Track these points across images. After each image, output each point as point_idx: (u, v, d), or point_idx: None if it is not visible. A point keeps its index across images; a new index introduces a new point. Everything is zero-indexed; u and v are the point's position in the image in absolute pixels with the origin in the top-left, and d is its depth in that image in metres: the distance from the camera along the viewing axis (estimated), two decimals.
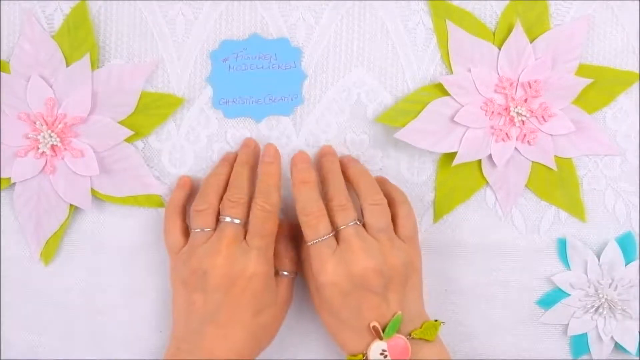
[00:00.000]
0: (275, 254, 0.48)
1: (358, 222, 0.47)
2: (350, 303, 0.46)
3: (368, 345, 0.45)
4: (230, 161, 0.50)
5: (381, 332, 0.45)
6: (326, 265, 0.46)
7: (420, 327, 0.46)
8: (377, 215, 0.47)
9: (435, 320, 0.47)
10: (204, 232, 0.47)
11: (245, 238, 0.47)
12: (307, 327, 0.53)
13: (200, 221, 0.47)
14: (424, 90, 0.51)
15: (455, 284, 0.53)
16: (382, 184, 0.50)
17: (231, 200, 0.47)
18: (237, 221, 0.47)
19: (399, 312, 0.45)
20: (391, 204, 0.49)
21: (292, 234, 0.51)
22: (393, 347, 0.45)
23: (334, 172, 0.49)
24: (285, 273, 0.50)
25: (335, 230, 0.47)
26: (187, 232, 0.49)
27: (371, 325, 0.45)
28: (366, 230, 0.47)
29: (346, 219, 0.46)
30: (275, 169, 0.49)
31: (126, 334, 0.53)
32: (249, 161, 0.50)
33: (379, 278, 0.45)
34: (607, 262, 0.53)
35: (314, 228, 0.46)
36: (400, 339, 0.45)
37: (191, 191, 0.51)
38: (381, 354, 0.45)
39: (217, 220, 0.47)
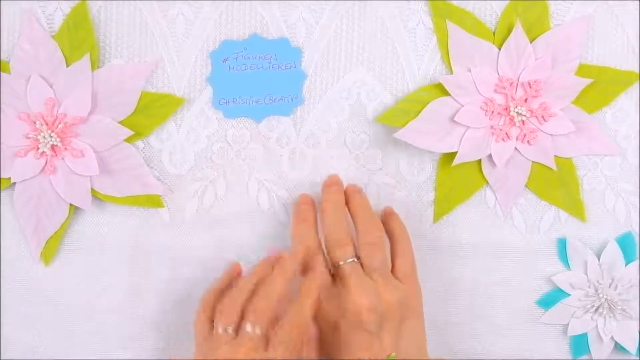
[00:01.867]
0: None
1: (356, 260, 0.46)
2: (342, 340, 0.45)
3: None
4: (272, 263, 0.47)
5: None
6: (318, 300, 0.45)
7: None
8: (372, 254, 0.47)
9: None
10: (227, 333, 0.43)
11: (267, 347, 0.43)
12: None
13: (224, 319, 0.44)
14: (424, 90, 0.51)
15: (455, 284, 0.53)
16: (385, 217, 0.50)
17: (256, 308, 0.43)
18: (258, 332, 0.43)
19: (393, 354, 0.44)
20: (390, 239, 0.49)
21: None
22: None
23: (333, 204, 0.49)
24: None
25: (332, 267, 0.46)
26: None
27: None
28: (362, 268, 0.46)
29: (343, 255, 0.46)
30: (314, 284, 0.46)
31: (126, 334, 0.53)
32: (286, 272, 0.46)
33: (373, 317, 0.44)
34: (607, 262, 0.53)
35: (307, 263, 0.46)
36: None
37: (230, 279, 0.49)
38: None
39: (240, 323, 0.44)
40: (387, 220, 0.50)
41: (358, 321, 0.44)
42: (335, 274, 0.47)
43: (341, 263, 0.46)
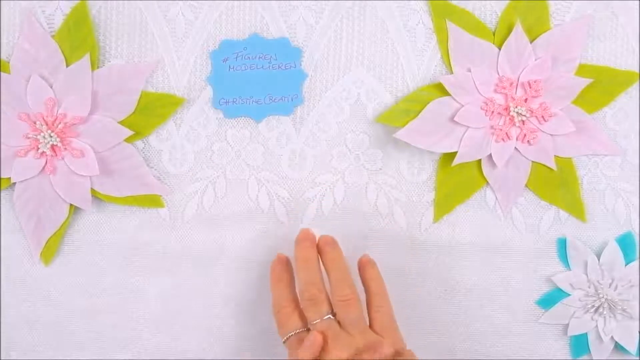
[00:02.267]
0: None
1: (332, 316, 0.46)
2: None
3: None
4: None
5: None
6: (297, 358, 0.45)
7: None
8: (345, 308, 0.46)
9: None
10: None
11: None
12: None
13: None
14: (424, 90, 0.51)
15: (455, 284, 0.53)
16: (362, 268, 0.49)
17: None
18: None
19: None
20: (366, 292, 0.48)
21: None
22: None
23: (305, 261, 0.48)
24: None
25: (309, 324, 0.46)
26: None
27: None
28: (339, 323, 0.46)
29: (318, 313, 0.46)
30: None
31: (126, 334, 0.53)
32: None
33: None
34: (607, 262, 0.53)
35: (284, 324, 0.46)
36: None
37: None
38: None
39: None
40: (363, 271, 0.49)
41: None
42: (311, 332, 0.46)
43: (316, 321, 0.46)
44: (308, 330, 0.46)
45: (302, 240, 0.49)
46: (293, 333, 0.46)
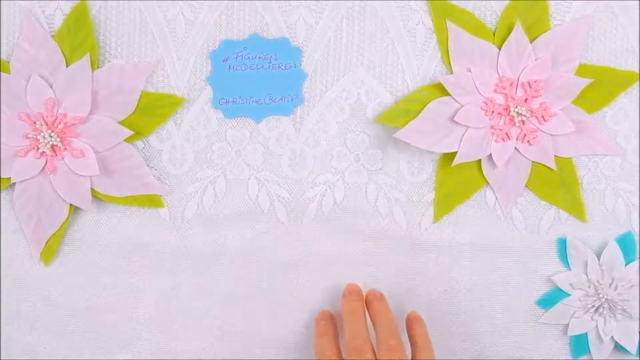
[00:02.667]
0: None
1: None
2: None
3: None
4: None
5: None
6: None
7: None
8: (391, 357, 0.46)
9: None
10: None
11: None
12: None
13: None
14: (424, 90, 0.51)
15: (455, 284, 0.53)
16: (410, 322, 0.50)
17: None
18: None
19: None
20: (412, 345, 0.49)
21: None
22: None
23: (352, 314, 0.49)
24: None
25: None
26: None
27: None
28: None
29: None
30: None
31: (126, 334, 0.53)
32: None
33: None
34: (607, 262, 0.53)
35: None
36: None
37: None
38: None
39: None
40: (411, 325, 0.50)
41: None
42: None
43: None
44: None
45: (348, 294, 0.51)
46: None
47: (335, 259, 0.53)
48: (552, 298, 0.53)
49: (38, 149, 0.50)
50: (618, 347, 0.53)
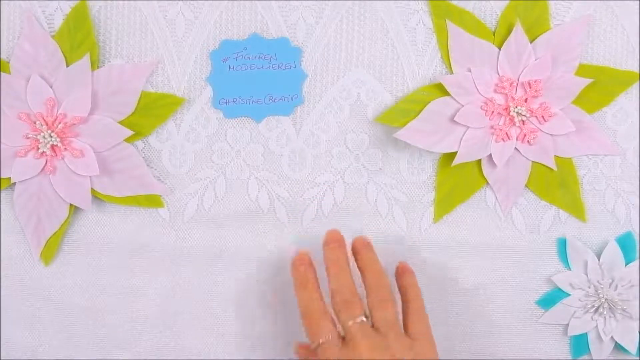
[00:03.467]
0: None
1: (365, 318, 0.45)
2: None
3: None
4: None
5: None
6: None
7: None
8: (383, 310, 0.45)
9: None
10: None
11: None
12: None
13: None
14: (424, 90, 0.51)
15: (455, 284, 0.53)
16: (400, 273, 0.49)
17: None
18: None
19: None
20: (403, 297, 0.48)
21: None
22: None
23: (337, 263, 0.47)
24: None
25: (342, 327, 0.45)
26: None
27: None
28: (373, 325, 0.45)
29: (351, 315, 0.45)
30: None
31: (126, 334, 0.53)
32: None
33: None
34: (607, 262, 0.53)
35: (315, 330, 0.45)
36: None
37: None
38: None
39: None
40: (401, 278, 0.49)
41: None
42: (345, 335, 0.45)
43: (349, 323, 0.44)
44: (340, 334, 0.45)
45: (331, 242, 0.49)
46: (326, 339, 0.44)
47: None
48: (552, 298, 0.53)
49: (38, 149, 0.50)
50: (618, 347, 0.53)
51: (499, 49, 0.51)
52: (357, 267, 0.49)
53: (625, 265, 0.53)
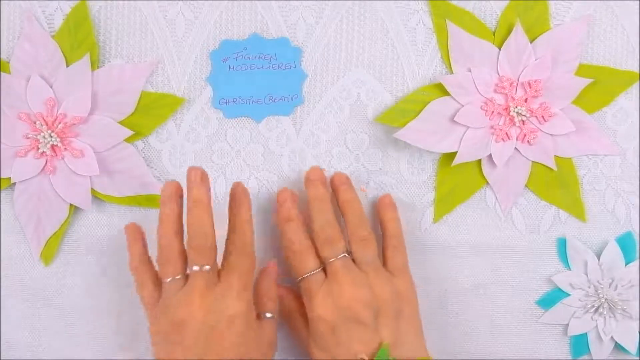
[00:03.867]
0: (257, 295, 0.47)
1: (347, 255, 0.47)
2: (340, 337, 0.45)
3: None
4: (175, 196, 0.46)
5: None
6: (314, 299, 0.46)
7: None
8: (363, 248, 0.47)
9: None
10: (175, 280, 0.44)
11: (220, 279, 0.44)
12: None
13: (169, 270, 0.45)
14: (424, 90, 0.51)
15: (456, 284, 0.53)
16: (381, 208, 0.50)
17: (195, 249, 0.44)
18: (206, 268, 0.44)
19: (386, 342, 0.45)
20: (383, 232, 0.49)
21: (274, 274, 0.49)
22: None
23: (319, 201, 0.48)
24: (269, 315, 0.47)
25: (324, 264, 0.47)
26: (159, 282, 0.47)
27: (359, 357, 0.44)
28: (354, 262, 0.47)
29: (333, 251, 0.46)
30: (246, 203, 0.46)
31: (126, 334, 0.53)
32: (202, 198, 0.44)
33: (367, 309, 0.45)
34: (607, 262, 0.53)
35: (300, 264, 0.46)
36: None
37: (144, 239, 0.49)
38: None
39: (186, 263, 0.45)
40: (382, 212, 0.50)
41: (353, 316, 0.45)
42: (327, 271, 0.47)
43: (332, 259, 0.46)
44: (323, 269, 0.47)
45: (314, 180, 0.49)
46: (309, 274, 0.46)
47: None
48: (552, 298, 0.53)
49: (38, 149, 0.50)
50: (618, 347, 0.53)
51: (499, 49, 0.51)
52: (337, 204, 0.49)
53: (625, 265, 0.53)
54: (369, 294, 0.45)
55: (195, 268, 0.44)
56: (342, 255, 0.46)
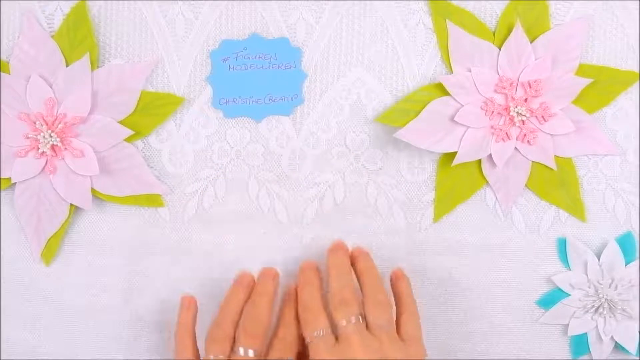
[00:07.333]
0: None
1: (360, 319, 0.46)
2: None
3: None
4: (246, 285, 0.50)
5: None
6: None
7: None
8: (377, 313, 0.46)
9: None
10: None
11: None
12: None
13: (216, 348, 0.46)
14: (424, 90, 0.51)
15: (455, 284, 0.53)
16: (395, 279, 0.51)
17: (247, 331, 0.46)
18: (251, 353, 0.46)
19: None
20: (397, 301, 0.49)
21: None
22: None
23: (338, 267, 0.49)
24: None
25: (336, 327, 0.46)
26: (198, 354, 0.48)
27: None
28: (367, 327, 0.46)
29: (347, 314, 0.46)
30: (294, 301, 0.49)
31: (126, 334, 0.53)
32: (268, 292, 0.49)
33: None
34: (607, 262, 0.53)
35: (311, 324, 0.46)
36: None
37: (196, 310, 0.50)
38: None
39: (232, 348, 0.47)
40: (395, 282, 0.50)
41: None
42: (339, 335, 0.45)
43: (344, 323, 0.45)
44: (336, 333, 0.46)
45: (335, 250, 0.51)
46: (320, 333, 0.46)
47: None
48: (552, 298, 0.53)
49: (38, 149, 0.50)
50: (618, 347, 0.53)
51: (499, 49, 0.51)
52: (355, 272, 0.50)
53: (625, 265, 0.53)
54: (381, 358, 0.44)
55: (241, 352, 0.46)
56: (356, 319, 0.45)
